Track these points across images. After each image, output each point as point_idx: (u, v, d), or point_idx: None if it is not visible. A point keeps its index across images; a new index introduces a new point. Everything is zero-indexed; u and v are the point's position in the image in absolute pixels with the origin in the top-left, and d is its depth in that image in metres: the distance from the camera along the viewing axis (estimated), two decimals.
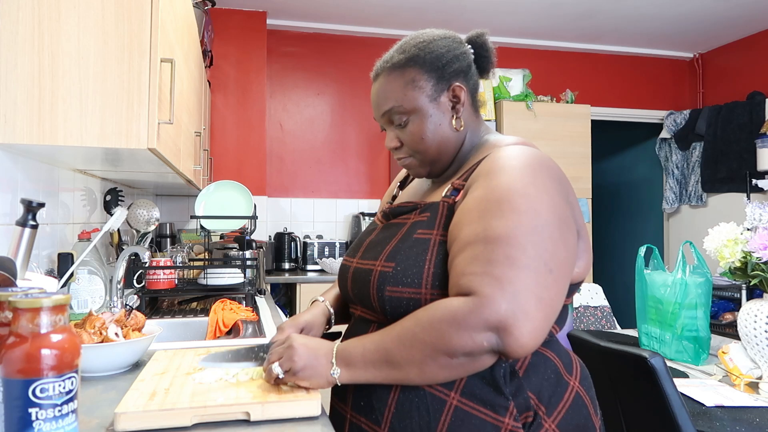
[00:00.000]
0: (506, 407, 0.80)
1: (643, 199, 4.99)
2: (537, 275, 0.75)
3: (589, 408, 0.88)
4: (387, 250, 0.90)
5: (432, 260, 0.84)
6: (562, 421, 0.83)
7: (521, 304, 0.72)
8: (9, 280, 0.95)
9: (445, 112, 0.94)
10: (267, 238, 3.83)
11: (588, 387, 0.91)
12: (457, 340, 0.73)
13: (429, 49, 0.94)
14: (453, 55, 0.94)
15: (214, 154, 3.69)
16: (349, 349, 0.82)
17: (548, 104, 3.93)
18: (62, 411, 0.64)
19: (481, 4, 3.74)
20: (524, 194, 0.79)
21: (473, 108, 0.99)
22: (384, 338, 0.80)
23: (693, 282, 1.70)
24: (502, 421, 0.79)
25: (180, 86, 1.71)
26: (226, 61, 3.77)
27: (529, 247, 0.75)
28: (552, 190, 0.82)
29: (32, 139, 1.21)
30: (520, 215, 0.77)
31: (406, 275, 0.84)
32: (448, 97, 0.94)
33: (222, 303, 1.76)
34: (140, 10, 1.26)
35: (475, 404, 0.80)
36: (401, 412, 0.83)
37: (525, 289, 0.73)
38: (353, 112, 4.22)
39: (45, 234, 1.58)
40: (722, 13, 3.86)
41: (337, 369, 0.82)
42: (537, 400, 0.82)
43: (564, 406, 0.84)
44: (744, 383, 1.49)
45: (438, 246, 0.85)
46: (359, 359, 0.81)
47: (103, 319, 1.11)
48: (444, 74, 0.94)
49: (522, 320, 0.72)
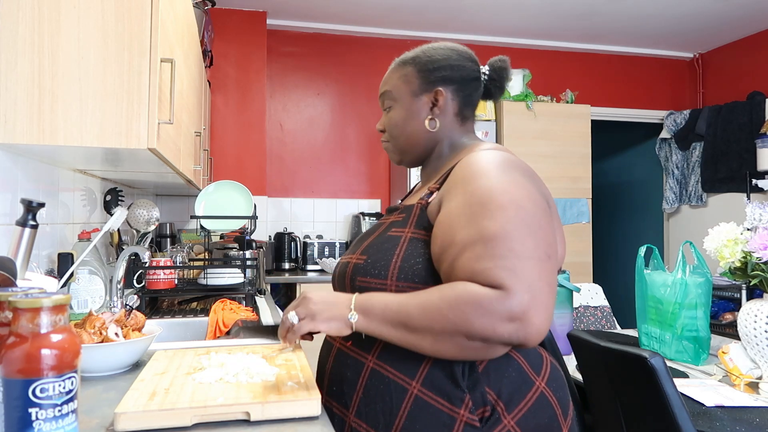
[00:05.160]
0: (462, 399, 0.85)
1: (643, 199, 4.99)
2: (541, 264, 0.80)
3: (556, 409, 0.90)
4: (364, 245, 0.99)
5: (400, 255, 0.91)
6: (523, 419, 0.86)
7: (537, 294, 0.77)
8: (9, 280, 0.95)
9: (422, 110, 1.04)
10: (267, 238, 3.83)
11: (557, 388, 0.92)
12: (480, 325, 0.77)
13: (429, 53, 1.05)
14: (447, 64, 1.03)
15: (214, 154, 3.69)
16: (371, 300, 0.86)
17: (548, 104, 3.93)
18: (62, 411, 0.64)
19: (481, 4, 3.74)
20: (504, 191, 0.85)
21: (458, 117, 1.05)
22: (408, 302, 0.83)
23: (693, 282, 1.70)
24: (457, 412, 0.84)
25: (180, 86, 1.71)
26: (226, 61, 3.77)
27: (527, 239, 0.81)
28: (527, 184, 0.89)
29: (32, 139, 1.21)
30: (507, 211, 0.82)
31: (375, 267, 0.92)
32: (430, 98, 1.03)
33: (222, 303, 1.76)
34: (140, 10, 1.26)
35: (434, 394, 0.85)
36: (368, 398, 0.89)
37: (538, 278, 0.78)
38: (353, 112, 4.22)
39: (45, 234, 1.58)
40: (722, 13, 3.86)
41: (355, 314, 0.85)
42: (496, 396, 0.86)
43: (526, 404, 0.87)
44: (744, 383, 1.49)
45: (408, 242, 0.92)
46: (379, 313, 0.84)
47: (103, 319, 1.11)
48: (431, 77, 1.03)
49: (540, 309, 0.77)
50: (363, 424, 0.89)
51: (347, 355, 0.95)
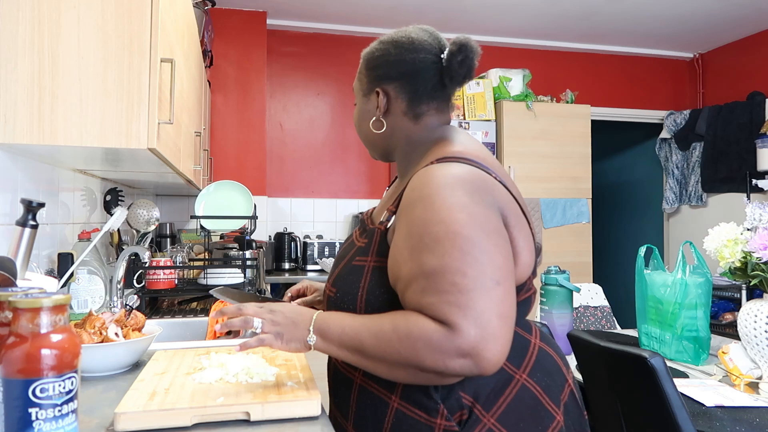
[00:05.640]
0: (437, 409, 0.85)
1: (643, 199, 4.99)
2: (488, 292, 0.77)
3: (541, 398, 0.89)
4: (335, 273, 0.99)
5: (365, 287, 0.91)
6: (503, 415, 0.86)
7: (486, 327, 0.76)
8: (9, 280, 0.95)
9: (370, 110, 1.01)
10: (267, 238, 3.83)
11: (542, 377, 0.91)
12: (431, 361, 0.77)
13: (372, 49, 1.01)
14: (384, 61, 0.98)
15: (214, 154, 3.69)
16: (328, 322, 0.87)
17: (548, 104, 3.93)
18: (62, 411, 0.64)
19: (481, 4, 3.74)
20: (440, 221, 0.81)
21: (410, 116, 0.98)
22: (361, 329, 0.84)
23: (693, 282, 1.70)
24: (434, 422, 0.85)
25: (180, 86, 1.71)
26: (226, 61, 3.77)
27: (468, 270, 0.78)
28: (469, 204, 0.82)
29: (32, 139, 1.21)
30: (444, 244, 0.79)
31: (344, 301, 0.93)
32: (375, 97, 1.00)
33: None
34: (140, 10, 1.26)
35: (411, 407, 0.87)
36: (360, 411, 0.93)
37: (485, 309, 0.76)
38: (353, 112, 4.21)
39: (45, 234, 1.58)
40: (722, 13, 3.86)
41: (314, 336, 0.87)
42: (472, 399, 0.86)
43: (505, 400, 0.87)
44: (744, 383, 1.49)
45: (371, 273, 0.91)
46: (336, 337, 0.86)
47: (103, 319, 1.11)
48: (372, 76, 1.00)
49: (491, 342, 0.76)
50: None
51: (339, 372, 0.98)
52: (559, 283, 1.89)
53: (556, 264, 2.15)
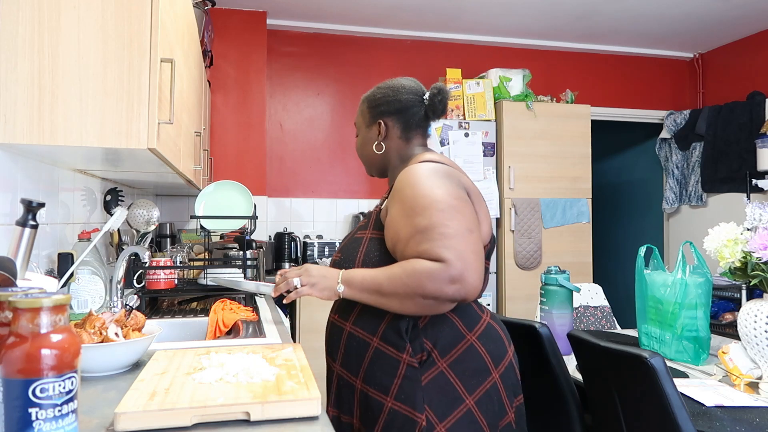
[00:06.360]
0: (404, 348, 1.14)
1: (643, 199, 4.99)
2: (465, 237, 1.09)
3: (485, 359, 1.17)
4: (342, 244, 1.33)
5: (362, 252, 1.23)
6: (454, 363, 1.14)
7: (467, 261, 1.07)
8: (9, 280, 0.95)
9: (372, 137, 1.36)
10: (267, 238, 3.83)
11: (487, 342, 1.18)
12: (432, 289, 1.06)
13: (375, 93, 1.36)
14: (386, 101, 1.33)
15: (214, 154, 3.69)
16: (352, 274, 1.18)
17: (548, 104, 3.93)
18: (62, 411, 0.64)
19: (480, 4, 3.74)
20: (425, 195, 1.13)
21: (402, 138, 1.34)
22: (379, 275, 1.13)
23: (693, 282, 1.70)
24: (401, 357, 1.14)
25: (180, 86, 1.71)
26: (226, 61, 3.77)
27: (450, 222, 1.09)
28: (445, 183, 1.15)
29: (32, 139, 1.21)
30: (429, 209, 1.11)
31: (346, 262, 1.25)
32: (377, 127, 1.35)
33: (222, 303, 1.76)
34: (140, 10, 1.26)
35: (387, 345, 1.16)
36: (347, 352, 1.22)
37: (465, 249, 1.08)
38: (353, 112, 4.21)
39: (45, 234, 1.58)
40: (722, 13, 3.87)
41: (342, 286, 1.17)
42: (432, 345, 1.14)
43: (456, 352, 1.15)
44: (744, 383, 1.49)
45: (368, 242, 1.24)
46: (358, 284, 1.16)
47: (103, 319, 1.11)
48: (374, 112, 1.35)
49: (471, 271, 1.07)
50: (344, 371, 1.22)
51: (335, 325, 1.27)
52: (559, 283, 1.89)
53: (556, 264, 2.15)
